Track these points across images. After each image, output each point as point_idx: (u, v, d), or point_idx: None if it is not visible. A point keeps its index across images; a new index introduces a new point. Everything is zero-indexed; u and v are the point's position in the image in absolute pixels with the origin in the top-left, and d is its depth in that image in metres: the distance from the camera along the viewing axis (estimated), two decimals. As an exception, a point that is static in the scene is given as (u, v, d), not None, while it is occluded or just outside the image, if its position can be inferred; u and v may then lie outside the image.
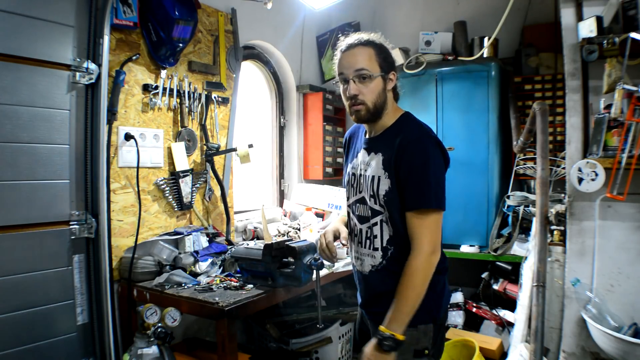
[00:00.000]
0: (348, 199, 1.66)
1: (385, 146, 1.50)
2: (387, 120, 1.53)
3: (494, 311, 3.09)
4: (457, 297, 3.24)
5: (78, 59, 1.99)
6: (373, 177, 1.50)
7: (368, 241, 1.56)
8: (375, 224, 1.53)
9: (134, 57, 2.32)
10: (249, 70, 3.46)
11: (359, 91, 1.47)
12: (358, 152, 1.62)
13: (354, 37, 1.51)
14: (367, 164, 1.55)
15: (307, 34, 3.82)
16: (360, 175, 1.57)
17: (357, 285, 1.68)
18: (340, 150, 3.93)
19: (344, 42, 1.53)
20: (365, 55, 1.47)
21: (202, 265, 2.33)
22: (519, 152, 2.92)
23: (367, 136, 1.60)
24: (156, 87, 2.45)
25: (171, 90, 2.52)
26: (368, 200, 1.53)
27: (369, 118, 1.51)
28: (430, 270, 1.42)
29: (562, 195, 2.65)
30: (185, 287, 2.13)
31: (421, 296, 1.41)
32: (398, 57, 3.42)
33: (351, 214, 1.64)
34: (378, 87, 1.48)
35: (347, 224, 1.71)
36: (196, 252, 2.39)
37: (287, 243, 2.07)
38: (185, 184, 2.55)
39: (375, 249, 1.54)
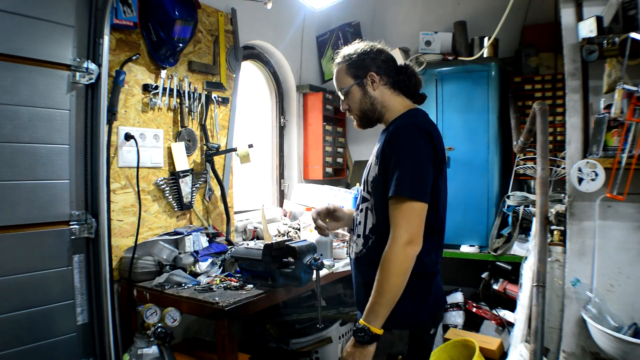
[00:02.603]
0: None
1: (383, 137, 1.55)
2: (391, 116, 1.58)
3: (494, 311, 3.09)
4: (457, 297, 3.24)
5: (78, 59, 1.99)
6: (368, 164, 1.57)
7: (356, 228, 1.60)
8: (361, 210, 1.57)
9: (134, 57, 2.32)
10: (249, 70, 3.46)
11: (347, 105, 1.63)
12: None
13: (335, 59, 1.65)
14: (371, 155, 1.61)
15: (307, 34, 3.82)
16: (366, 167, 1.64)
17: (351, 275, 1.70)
18: (340, 150, 3.93)
19: None
20: (338, 76, 1.62)
21: (202, 265, 2.33)
22: (519, 152, 2.92)
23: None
24: (156, 87, 2.45)
25: (171, 90, 2.52)
26: (361, 188, 1.60)
27: (365, 123, 1.63)
28: (406, 261, 1.37)
29: (562, 195, 2.65)
30: (185, 287, 2.13)
31: (398, 288, 1.37)
32: (398, 57, 3.41)
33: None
34: (357, 95, 1.59)
35: None
36: (196, 252, 2.39)
37: (287, 243, 2.07)
38: (185, 184, 2.55)
39: (358, 236, 1.57)
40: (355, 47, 1.61)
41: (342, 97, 1.63)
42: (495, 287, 3.07)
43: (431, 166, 1.43)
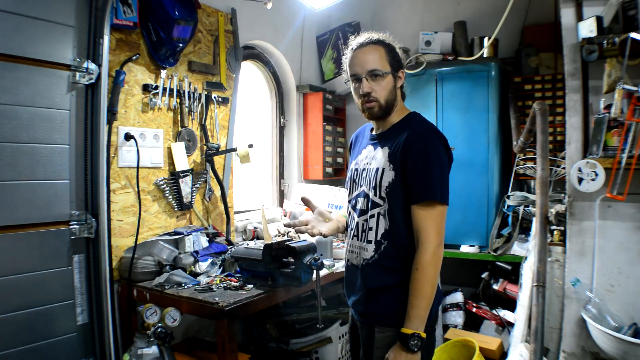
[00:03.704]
0: (350, 194, 1.68)
1: (392, 140, 1.53)
2: (394, 117, 1.58)
3: (494, 311, 3.09)
4: (457, 297, 3.24)
5: (78, 59, 1.99)
6: (377, 169, 1.53)
7: (363, 234, 1.57)
8: (372, 216, 1.54)
9: (134, 57, 2.32)
10: (249, 70, 3.46)
11: (371, 88, 1.52)
12: (363, 148, 1.66)
13: (364, 36, 1.57)
14: (372, 157, 1.58)
15: (307, 34, 3.82)
16: (364, 169, 1.60)
17: (346, 282, 1.68)
18: (340, 150, 3.93)
19: (354, 40, 1.59)
20: (376, 54, 1.53)
21: (202, 265, 2.33)
22: (519, 152, 2.92)
23: (374, 132, 1.64)
24: (156, 87, 2.45)
25: (171, 90, 2.52)
26: (369, 193, 1.55)
27: (381, 115, 1.56)
28: (439, 263, 1.44)
29: (562, 195, 2.65)
30: (185, 287, 2.13)
31: (435, 289, 1.44)
32: (398, 57, 3.41)
33: (351, 210, 1.66)
34: (389, 85, 1.54)
35: (347, 223, 1.72)
36: (196, 252, 2.39)
37: (287, 243, 2.07)
38: (185, 184, 2.55)
39: (369, 242, 1.54)
40: (391, 38, 1.59)
41: (367, 77, 1.52)
42: (495, 287, 3.07)
43: (448, 172, 1.51)
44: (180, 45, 2.45)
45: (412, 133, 1.49)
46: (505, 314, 3.02)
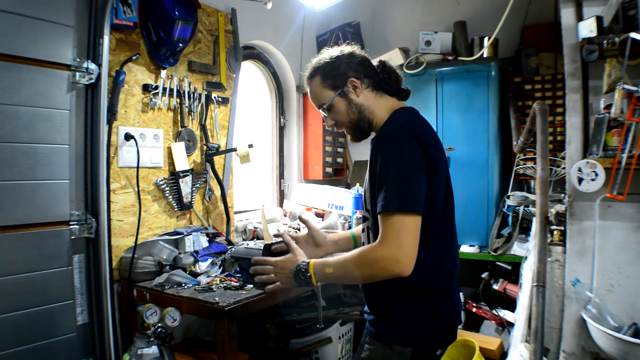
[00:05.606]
0: None
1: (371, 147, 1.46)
2: (379, 122, 1.47)
3: (494, 311, 3.09)
4: (457, 297, 3.24)
5: (78, 59, 1.99)
6: (365, 181, 1.49)
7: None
8: (364, 230, 1.50)
9: (134, 57, 2.32)
10: (249, 70, 3.46)
11: (333, 120, 1.50)
12: None
13: (305, 74, 1.54)
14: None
15: (307, 34, 3.82)
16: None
17: None
18: (340, 150, 3.93)
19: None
20: (314, 90, 1.50)
21: (202, 265, 2.33)
22: (519, 152, 2.92)
23: None
24: (156, 87, 2.45)
25: (171, 90, 2.52)
26: (362, 208, 1.54)
27: (360, 134, 1.51)
28: (380, 272, 1.26)
29: (562, 195, 2.65)
30: (185, 287, 2.13)
31: (352, 279, 1.35)
32: (397, 57, 3.42)
33: None
34: (342, 106, 1.46)
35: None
36: (196, 252, 2.39)
37: (287, 243, 2.07)
38: (185, 184, 2.55)
39: None
40: (325, 54, 1.49)
41: (324, 114, 1.50)
42: (495, 287, 3.07)
43: (423, 172, 1.28)
44: (180, 45, 2.45)
45: (376, 136, 1.39)
46: (505, 314, 3.02)
